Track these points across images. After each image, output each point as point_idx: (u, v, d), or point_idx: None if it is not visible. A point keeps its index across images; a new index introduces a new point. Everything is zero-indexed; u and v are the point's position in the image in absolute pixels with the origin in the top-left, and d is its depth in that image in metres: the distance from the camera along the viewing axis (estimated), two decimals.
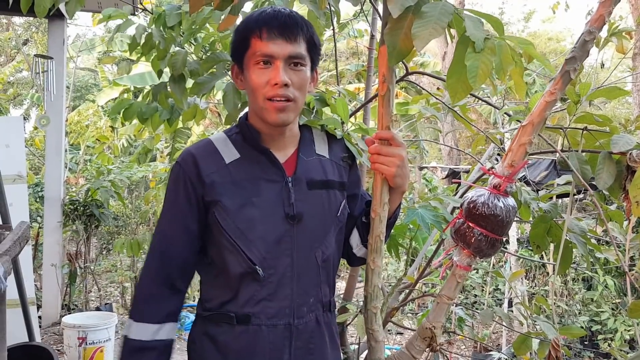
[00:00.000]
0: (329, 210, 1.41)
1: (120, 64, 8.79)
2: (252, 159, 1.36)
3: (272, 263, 1.33)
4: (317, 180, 1.40)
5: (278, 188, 1.35)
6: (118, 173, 6.20)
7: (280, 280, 1.34)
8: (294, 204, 1.35)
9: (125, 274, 6.91)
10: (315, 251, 1.38)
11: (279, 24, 1.27)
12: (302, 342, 1.37)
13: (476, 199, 1.31)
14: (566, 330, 1.95)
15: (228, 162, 1.35)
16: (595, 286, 5.94)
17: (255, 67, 1.29)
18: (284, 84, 1.26)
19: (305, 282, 1.37)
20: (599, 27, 1.18)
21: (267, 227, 1.32)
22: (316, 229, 1.38)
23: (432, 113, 2.26)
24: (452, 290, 1.38)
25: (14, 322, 3.34)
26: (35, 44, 15.29)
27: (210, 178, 1.32)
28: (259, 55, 1.28)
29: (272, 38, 1.26)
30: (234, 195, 1.32)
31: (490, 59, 1.01)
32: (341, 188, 1.45)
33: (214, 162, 1.34)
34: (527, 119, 1.27)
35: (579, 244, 1.67)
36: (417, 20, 1.01)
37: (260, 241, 1.32)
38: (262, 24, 1.27)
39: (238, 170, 1.34)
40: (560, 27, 27.88)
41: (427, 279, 2.46)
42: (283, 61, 1.27)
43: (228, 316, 1.34)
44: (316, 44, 1.35)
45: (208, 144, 1.38)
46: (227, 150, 1.37)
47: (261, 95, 1.29)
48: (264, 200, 1.33)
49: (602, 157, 1.45)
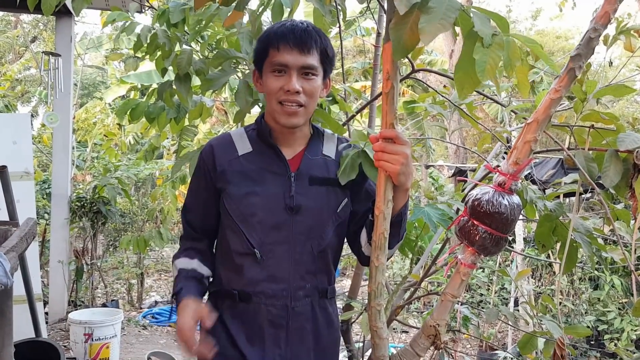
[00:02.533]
0: (328, 205, 1.54)
1: (128, 61, 8.81)
2: (261, 152, 1.54)
3: (270, 247, 1.49)
4: (318, 177, 1.53)
5: (281, 181, 1.50)
6: (125, 170, 6.22)
7: (279, 265, 1.49)
8: (294, 197, 1.49)
9: (131, 270, 6.94)
10: (312, 241, 1.52)
11: (295, 37, 1.43)
12: (298, 323, 1.52)
13: (481, 197, 1.31)
14: (572, 329, 1.94)
15: (240, 154, 1.53)
16: (602, 286, 5.91)
17: (272, 74, 1.46)
18: (295, 91, 1.42)
19: (301, 268, 1.51)
20: (605, 24, 1.17)
21: (267, 215, 1.49)
22: (314, 221, 1.51)
23: (439, 111, 2.26)
24: (457, 288, 1.38)
25: (21, 318, 3.36)
26: (44, 41, 15.36)
27: (222, 167, 1.53)
28: (275, 64, 1.45)
29: (287, 50, 1.43)
30: (240, 184, 1.50)
31: (499, 53, 1.02)
32: (343, 186, 1.54)
33: (228, 153, 1.54)
34: (532, 116, 1.26)
35: (583, 244, 1.66)
36: (423, 15, 1.02)
37: (260, 226, 1.48)
38: (280, 36, 1.44)
39: (248, 161, 1.52)
40: (569, 24, 27.74)
41: (433, 278, 2.46)
42: (296, 70, 1.43)
43: (232, 293, 1.53)
44: (329, 55, 1.50)
45: (226, 137, 1.58)
46: (241, 143, 1.55)
47: (274, 99, 1.46)
48: (266, 190, 1.49)
49: (608, 155, 1.44)
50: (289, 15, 1.97)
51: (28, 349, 3.09)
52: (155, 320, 6.27)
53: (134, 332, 5.61)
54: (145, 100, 2.73)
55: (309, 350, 1.54)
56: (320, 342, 1.56)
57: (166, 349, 4.78)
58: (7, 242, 2.11)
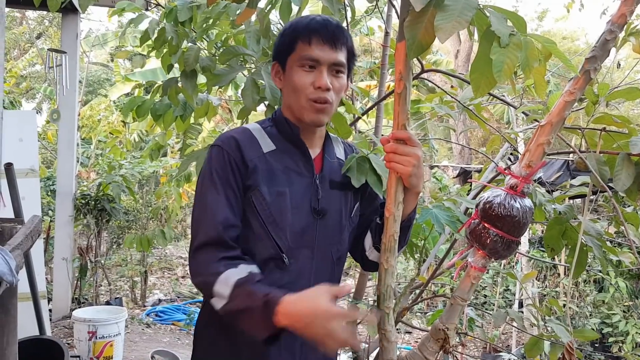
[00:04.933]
0: (345, 210, 1.48)
1: (134, 59, 8.79)
2: (286, 151, 1.43)
3: (295, 253, 1.39)
4: (337, 181, 1.47)
5: (307, 182, 1.42)
6: (130, 168, 6.21)
7: (301, 271, 1.40)
8: (320, 200, 1.42)
9: (135, 268, 6.95)
10: (332, 247, 1.45)
11: (328, 32, 1.36)
12: None
13: (492, 200, 1.29)
14: (579, 333, 1.93)
15: (265, 152, 1.40)
16: (606, 288, 5.89)
17: (300, 69, 1.37)
18: (326, 87, 1.36)
19: (321, 275, 1.43)
20: (621, 26, 1.16)
21: (295, 218, 1.38)
22: (334, 227, 1.45)
23: (447, 112, 2.24)
24: (466, 292, 1.36)
25: (25, 315, 3.36)
26: (49, 38, 15.38)
27: (253, 163, 1.37)
28: (305, 59, 1.36)
29: (319, 44, 1.36)
30: (271, 184, 1.37)
31: (516, 54, 1.01)
32: (356, 190, 1.51)
33: (254, 149, 1.39)
34: (545, 118, 1.25)
35: (594, 247, 1.64)
36: (439, 13, 1.01)
37: (289, 230, 1.37)
38: (312, 30, 1.36)
39: (274, 160, 1.40)
40: (574, 26, 27.65)
41: (438, 279, 2.44)
42: (327, 67, 1.37)
43: None
44: (354, 53, 1.45)
45: (247, 132, 1.43)
46: (264, 140, 1.42)
47: (304, 95, 1.37)
48: (294, 191, 1.39)
49: (620, 159, 1.42)
50: (297, 14, 1.96)
51: (32, 347, 3.09)
52: (159, 319, 6.27)
53: (138, 330, 5.60)
54: (150, 98, 2.72)
55: (320, 359, 1.47)
56: (329, 352, 1.47)
57: (170, 348, 4.78)
58: (13, 240, 2.10)
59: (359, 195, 1.53)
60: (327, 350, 1.16)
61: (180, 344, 5.40)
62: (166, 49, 2.29)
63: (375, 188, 1.51)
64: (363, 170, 1.49)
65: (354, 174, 1.47)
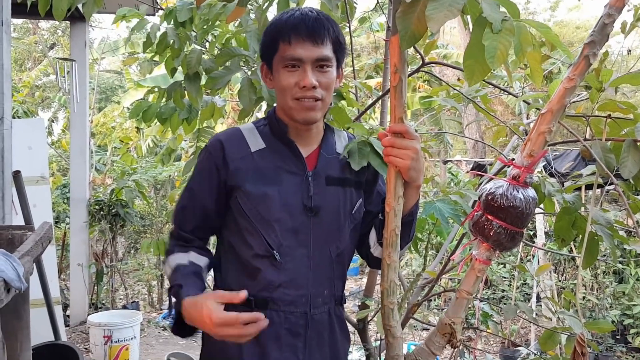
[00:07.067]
0: (345, 206, 1.45)
1: (142, 65, 8.87)
2: (276, 150, 1.43)
3: (289, 251, 1.38)
4: (335, 177, 1.45)
5: (298, 180, 1.41)
6: (142, 173, 6.25)
7: (298, 269, 1.39)
8: (312, 197, 1.40)
9: (151, 272, 6.98)
10: (330, 245, 1.43)
11: (307, 27, 1.32)
12: (315, 331, 1.43)
13: (494, 191, 1.27)
14: (594, 325, 1.90)
15: (253, 151, 1.41)
16: (626, 279, 5.80)
17: (284, 70, 1.35)
18: (312, 86, 1.33)
19: (320, 274, 1.42)
20: (619, 9, 1.13)
21: (285, 216, 1.38)
22: (332, 224, 1.43)
23: (452, 104, 2.22)
24: (472, 285, 1.34)
25: (40, 321, 3.39)
26: (62, 47, 15.55)
27: (235, 164, 1.39)
28: (288, 59, 1.34)
29: (299, 42, 1.32)
30: (257, 183, 1.38)
31: (509, 39, 0.99)
32: (358, 187, 1.49)
33: (240, 149, 1.41)
34: (546, 106, 1.22)
35: (604, 236, 1.61)
36: (430, 2, 0.99)
37: (279, 228, 1.38)
38: (291, 28, 1.33)
39: (262, 159, 1.41)
40: (588, 15, 27.32)
41: (453, 274, 2.42)
42: (311, 64, 1.33)
43: (247, 300, 1.29)
44: (342, 43, 1.40)
45: (236, 132, 1.45)
46: (253, 139, 1.43)
47: (290, 95, 1.35)
48: (284, 190, 1.39)
49: (626, 145, 1.40)
50: None
51: (47, 352, 3.12)
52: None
53: (154, 334, 5.63)
54: (156, 102, 2.73)
55: (325, 359, 1.46)
56: (336, 350, 1.49)
57: (186, 350, 4.79)
58: (22, 247, 2.11)
59: (362, 191, 1.50)
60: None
61: (197, 346, 5.40)
62: (169, 52, 2.30)
63: (380, 170, 1.48)
64: (364, 153, 1.46)
65: (355, 158, 1.45)
